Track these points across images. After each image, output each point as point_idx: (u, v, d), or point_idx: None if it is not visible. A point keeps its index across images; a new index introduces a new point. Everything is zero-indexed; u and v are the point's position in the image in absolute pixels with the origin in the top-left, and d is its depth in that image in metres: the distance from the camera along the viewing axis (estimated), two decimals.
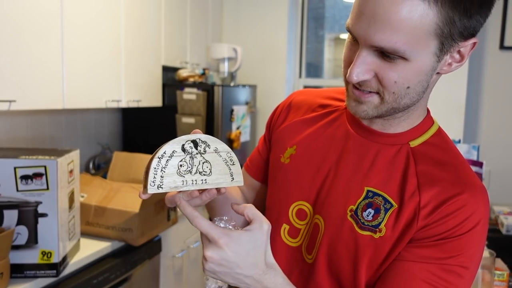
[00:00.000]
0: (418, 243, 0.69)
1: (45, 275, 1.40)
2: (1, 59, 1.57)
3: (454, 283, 0.67)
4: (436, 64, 0.67)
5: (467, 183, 0.70)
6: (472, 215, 0.68)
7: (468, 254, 0.68)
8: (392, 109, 0.70)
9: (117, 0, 2.17)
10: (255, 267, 0.64)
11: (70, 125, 2.42)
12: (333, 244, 0.74)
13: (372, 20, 0.62)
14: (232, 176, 0.68)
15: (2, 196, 1.34)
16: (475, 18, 0.63)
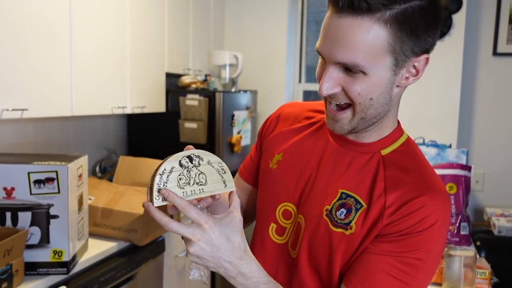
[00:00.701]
0: (382, 238, 0.78)
1: (56, 273, 1.49)
2: (13, 70, 1.67)
3: (411, 274, 0.77)
4: (394, 78, 0.77)
5: (428, 187, 0.79)
6: (430, 215, 0.77)
7: (425, 250, 0.77)
8: (361, 119, 0.80)
9: (122, 11, 2.27)
10: (233, 251, 0.74)
11: (78, 131, 2.53)
12: (311, 240, 0.85)
13: (335, 41, 0.74)
14: (225, 183, 0.78)
15: (16, 199, 1.44)
16: (423, 38, 0.74)
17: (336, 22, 0.73)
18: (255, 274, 0.76)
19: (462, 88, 2.96)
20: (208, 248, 0.72)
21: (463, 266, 1.46)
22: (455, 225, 1.89)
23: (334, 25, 0.73)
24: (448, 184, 1.92)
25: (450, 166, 1.96)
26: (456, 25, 2.92)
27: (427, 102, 3.00)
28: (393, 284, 0.77)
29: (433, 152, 2.12)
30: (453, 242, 1.86)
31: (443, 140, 2.66)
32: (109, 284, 1.75)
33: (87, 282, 1.64)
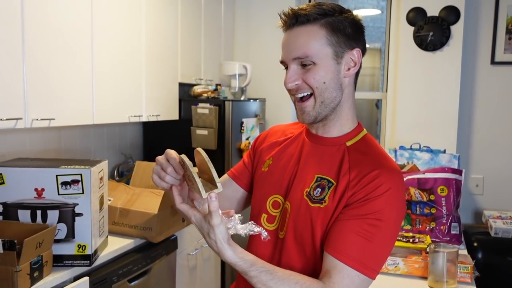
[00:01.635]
0: (348, 207, 0.98)
1: (80, 265, 1.67)
2: (41, 83, 1.87)
3: (373, 233, 0.95)
4: (338, 67, 1.02)
5: (382, 164, 1.00)
6: (383, 184, 0.96)
7: (383, 212, 0.96)
8: (322, 103, 1.02)
9: (138, 26, 2.47)
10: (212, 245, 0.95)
11: (98, 138, 2.73)
12: (296, 219, 1.04)
13: (290, 46, 1.02)
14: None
15: (46, 198, 1.63)
16: (352, 36, 1.01)
17: (288, 35, 1.03)
18: (237, 258, 0.94)
19: (461, 96, 3.09)
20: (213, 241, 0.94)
21: (446, 261, 1.59)
22: (446, 225, 2.02)
23: (287, 37, 1.03)
24: (440, 187, 2.05)
25: (442, 170, 2.09)
26: (455, 35, 3.13)
27: (427, 109, 3.13)
28: (359, 241, 0.95)
29: (427, 157, 2.26)
30: (444, 241, 1.99)
31: (443, 147, 2.79)
32: (126, 276, 1.93)
33: (106, 274, 1.82)
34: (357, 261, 0.94)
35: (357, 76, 1.08)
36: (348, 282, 0.94)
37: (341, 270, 0.94)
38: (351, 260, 0.94)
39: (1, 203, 1.61)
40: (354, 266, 0.94)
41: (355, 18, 1.03)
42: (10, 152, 2.13)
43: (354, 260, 0.94)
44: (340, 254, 0.95)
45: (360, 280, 0.95)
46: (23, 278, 1.43)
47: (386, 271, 1.72)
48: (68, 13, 1.97)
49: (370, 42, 3.88)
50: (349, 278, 0.94)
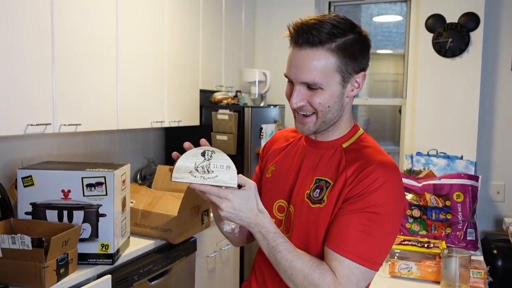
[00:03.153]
0: (347, 202, 1.02)
1: (103, 263, 1.75)
2: (70, 90, 1.97)
3: (372, 226, 1.00)
4: (343, 90, 1.05)
5: (376, 160, 1.04)
6: (378, 178, 1.00)
7: (380, 205, 0.99)
8: (323, 122, 1.07)
9: (161, 35, 2.57)
10: (251, 211, 0.99)
11: (121, 142, 2.83)
12: (299, 221, 1.10)
13: (299, 67, 1.02)
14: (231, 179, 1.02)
15: (72, 199, 1.71)
16: (360, 60, 1.04)
17: (298, 54, 1.02)
18: (267, 225, 1.02)
19: (481, 103, 3.07)
20: (233, 211, 0.98)
21: (459, 266, 1.61)
22: (462, 231, 2.03)
23: (296, 56, 1.03)
24: (456, 193, 2.06)
25: (458, 176, 2.10)
26: (474, 42, 3.14)
27: (446, 116, 3.13)
28: (357, 235, 0.99)
29: (443, 163, 2.27)
30: (459, 247, 2.00)
31: (462, 153, 2.78)
32: (147, 276, 2.01)
33: (128, 273, 1.90)
34: (355, 253, 0.99)
35: None
36: (348, 273, 0.99)
37: (340, 262, 0.99)
38: (349, 253, 0.99)
39: (31, 204, 1.71)
40: (353, 258, 0.99)
41: (363, 35, 1.04)
42: (39, 156, 2.25)
43: (352, 253, 0.99)
44: (338, 248, 1.00)
45: (360, 271, 0.99)
46: (50, 274, 1.52)
47: (399, 275, 1.75)
48: (95, 23, 2.08)
49: (393, 48, 3.89)
50: (348, 269, 0.99)
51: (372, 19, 3.87)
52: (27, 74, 1.77)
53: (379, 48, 3.94)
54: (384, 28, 3.89)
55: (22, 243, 1.49)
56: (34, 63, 1.79)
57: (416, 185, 2.16)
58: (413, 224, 2.12)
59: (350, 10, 3.84)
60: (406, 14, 3.51)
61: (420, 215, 2.11)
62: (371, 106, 3.88)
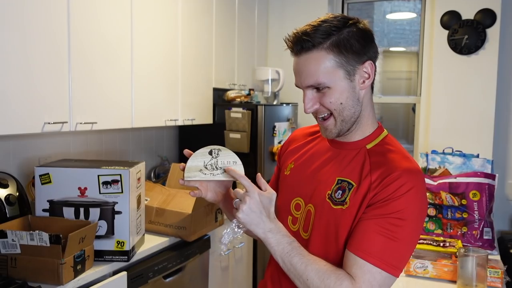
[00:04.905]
0: (371, 207, 1.01)
1: (119, 260, 1.77)
2: (85, 89, 1.99)
3: (396, 232, 0.98)
4: (352, 84, 1.04)
5: (402, 165, 1.03)
6: (405, 184, 0.99)
7: (405, 211, 0.99)
8: (342, 121, 1.06)
9: (175, 34, 2.58)
10: (271, 214, 1.03)
11: (136, 141, 2.85)
12: (320, 221, 1.09)
13: (301, 73, 1.05)
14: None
15: (88, 197, 1.73)
16: (361, 51, 1.02)
17: (298, 62, 1.05)
18: (283, 230, 1.04)
19: (497, 100, 3.03)
20: (256, 209, 1.00)
21: (476, 265, 1.59)
22: (478, 230, 2.00)
23: (297, 64, 1.06)
24: (472, 191, 2.04)
25: (474, 175, 2.07)
26: (491, 38, 3.11)
27: (461, 113, 3.09)
28: (380, 240, 0.98)
29: (459, 161, 2.24)
30: (476, 246, 1.97)
31: (477, 151, 2.75)
32: (161, 273, 2.02)
33: (143, 270, 1.91)
34: (378, 258, 0.98)
35: (373, 82, 1.10)
36: (369, 277, 0.97)
37: (361, 267, 0.98)
38: (372, 257, 0.98)
39: (48, 201, 1.73)
40: (375, 263, 0.98)
41: (360, 28, 1.03)
42: (56, 154, 2.27)
43: (375, 257, 0.98)
44: (361, 252, 0.99)
45: (382, 277, 0.98)
46: (67, 270, 1.54)
47: (415, 274, 1.74)
48: (110, 23, 2.10)
49: (406, 46, 3.86)
50: (369, 274, 0.97)
51: (385, 16, 3.84)
52: (44, 74, 1.79)
53: (392, 45, 3.91)
54: (397, 25, 3.86)
55: (40, 239, 1.51)
56: (50, 62, 1.81)
57: (432, 183, 2.14)
58: (429, 223, 2.10)
59: (363, 7, 3.82)
60: (421, 10, 3.48)
61: (436, 214, 2.09)
62: (384, 104, 3.85)
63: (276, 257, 1.04)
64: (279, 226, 1.04)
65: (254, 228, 1.01)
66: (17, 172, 2.08)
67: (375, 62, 1.07)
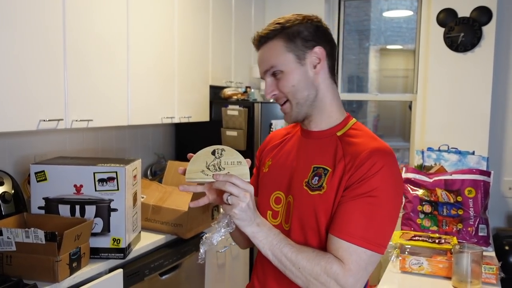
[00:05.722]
0: (348, 189, 1.05)
1: (115, 257, 1.76)
2: (80, 86, 1.99)
3: (373, 209, 1.02)
4: (303, 68, 1.11)
5: (373, 146, 1.07)
6: (376, 162, 1.03)
7: (380, 188, 1.02)
8: (297, 104, 1.13)
9: (171, 32, 2.57)
10: (256, 210, 1.07)
11: (132, 138, 2.85)
12: (300, 209, 1.12)
13: (260, 63, 1.16)
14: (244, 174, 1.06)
15: (84, 194, 1.73)
16: (310, 38, 1.10)
17: (258, 55, 1.16)
18: (268, 223, 1.08)
19: (493, 98, 3.04)
20: (248, 209, 1.02)
21: (470, 261, 1.60)
22: (473, 227, 2.01)
23: (258, 57, 1.17)
24: (467, 188, 2.05)
25: (470, 172, 2.08)
26: (486, 36, 3.11)
27: (457, 111, 3.10)
28: (361, 219, 1.02)
29: (455, 158, 2.25)
30: (471, 242, 1.98)
31: (473, 149, 2.76)
32: (158, 270, 2.02)
33: (139, 267, 1.91)
34: (362, 238, 1.01)
35: (332, 71, 1.16)
36: (356, 258, 1.01)
37: (347, 249, 1.01)
38: (355, 239, 1.01)
39: (44, 198, 1.73)
40: (359, 243, 1.01)
41: (313, 22, 1.12)
42: (52, 151, 2.27)
43: (358, 238, 1.01)
44: (344, 234, 1.02)
45: (367, 256, 1.01)
46: (63, 267, 1.54)
47: (410, 271, 1.74)
48: (106, 20, 2.09)
49: (403, 43, 3.87)
50: (355, 254, 1.01)
51: (382, 14, 3.84)
52: (39, 71, 1.78)
53: (389, 43, 3.91)
54: (394, 23, 3.86)
55: (36, 237, 1.51)
56: (46, 60, 1.81)
57: (427, 180, 2.15)
58: (424, 219, 2.11)
59: (359, 5, 3.82)
60: (417, 8, 3.48)
61: (431, 211, 2.10)
62: (381, 102, 3.86)
63: (265, 251, 1.06)
64: (264, 220, 1.08)
65: (245, 224, 1.04)
66: (13, 170, 2.07)
67: (330, 50, 1.13)
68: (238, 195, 1.01)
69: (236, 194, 1.01)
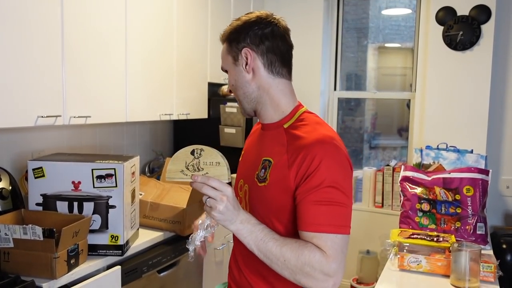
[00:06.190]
0: (300, 186, 1.10)
1: (113, 254, 1.76)
2: (78, 83, 1.98)
3: (329, 197, 1.08)
4: (238, 68, 1.21)
5: (311, 139, 1.12)
6: (315, 157, 1.08)
7: (329, 178, 1.08)
8: (240, 101, 1.25)
9: (170, 29, 2.56)
10: (240, 206, 1.11)
11: (130, 135, 2.84)
12: (252, 199, 1.23)
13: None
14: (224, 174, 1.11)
15: (82, 191, 1.73)
16: (242, 40, 1.20)
17: None
18: (253, 219, 1.11)
19: (491, 97, 3.04)
20: (231, 208, 1.07)
21: (469, 259, 1.60)
22: (472, 225, 2.02)
23: None
24: (466, 187, 2.05)
25: (468, 170, 2.08)
26: (485, 35, 3.11)
27: (455, 109, 3.10)
28: (322, 209, 1.08)
29: (453, 157, 2.25)
30: (469, 240, 1.99)
31: (471, 147, 2.76)
32: (156, 267, 2.02)
33: (137, 264, 1.91)
34: (329, 225, 1.07)
35: (275, 67, 1.21)
36: (331, 244, 1.07)
37: (320, 238, 1.07)
38: (324, 227, 1.07)
39: (42, 195, 1.72)
40: (329, 230, 1.07)
41: (238, 23, 1.23)
42: (49, 148, 2.26)
43: (327, 226, 1.07)
44: (313, 227, 1.08)
45: (339, 239, 1.08)
46: (61, 264, 1.53)
47: (409, 269, 1.74)
48: (104, 17, 2.08)
49: (401, 42, 3.86)
50: (329, 241, 1.07)
51: (381, 12, 3.84)
52: (38, 67, 1.77)
53: (387, 41, 3.91)
54: (392, 21, 3.86)
55: (33, 233, 1.50)
56: (44, 55, 1.80)
57: (426, 178, 2.15)
58: (422, 218, 2.11)
59: (358, 3, 3.81)
60: (416, 6, 3.48)
61: (430, 209, 2.10)
62: (379, 100, 3.85)
63: (250, 247, 1.10)
64: (248, 216, 1.11)
65: (227, 224, 1.08)
66: (10, 166, 2.06)
67: (263, 48, 1.20)
68: (215, 198, 1.05)
69: (213, 197, 1.05)
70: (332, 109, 3.84)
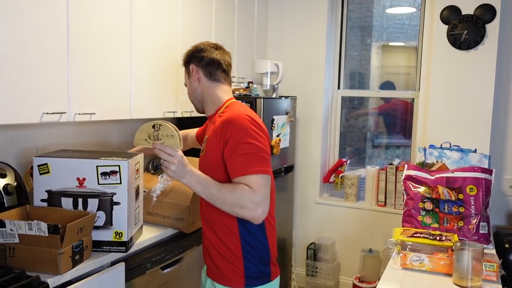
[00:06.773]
0: (224, 150, 1.54)
1: (117, 250, 1.77)
2: (83, 80, 1.99)
3: (244, 150, 1.51)
4: (190, 80, 1.78)
5: (225, 118, 1.57)
6: (227, 129, 1.53)
7: (240, 140, 1.51)
8: (192, 102, 1.81)
9: (174, 26, 2.57)
10: (188, 165, 1.56)
11: (134, 132, 2.84)
12: (200, 164, 1.68)
13: None
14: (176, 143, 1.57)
15: (87, 188, 1.74)
16: (190, 60, 1.79)
17: None
18: (198, 172, 1.57)
19: (495, 96, 3.04)
20: (181, 167, 1.54)
21: (471, 258, 1.61)
22: (474, 224, 2.02)
23: None
24: (469, 186, 2.05)
25: (472, 169, 2.08)
26: (490, 34, 3.11)
27: (459, 108, 3.10)
28: (242, 159, 1.50)
29: (457, 156, 2.25)
30: (472, 240, 1.99)
31: (475, 146, 2.76)
32: (159, 264, 2.03)
33: (141, 261, 1.92)
34: (248, 169, 1.49)
35: (211, 77, 1.73)
36: (253, 182, 1.48)
37: (245, 179, 1.48)
38: (245, 171, 1.49)
39: (46, 191, 1.74)
40: (251, 172, 1.48)
41: (189, 51, 1.79)
42: (54, 144, 2.27)
43: (247, 170, 1.49)
44: (238, 173, 1.50)
45: (260, 178, 1.49)
46: (65, 260, 1.55)
47: (411, 267, 1.75)
48: (109, 14, 2.09)
49: (405, 40, 3.86)
50: (253, 179, 1.48)
51: (385, 11, 3.83)
52: (43, 64, 1.78)
53: (391, 40, 3.90)
54: (396, 20, 3.85)
55: (39, 229, 1.51)
56: (49, 52, 1.81)
57: (429, 177, 2.15)
58: (425, 217, 2.11)
59: (362, 1, 3.81)
60: (421, 5, 3.47)
61: (433, 208, 2.11)
62: (383, 99, 3.85)
63: (199, 192, 1.55)
64: (196, 171, 1.55)
65: (179, 178, 1.54)
66: (15, 162, 2.08)
67: (203, 63, 1.73)
68: (169, 161, 1.52)
69: (168, 160, 1.52)
70: (335, 108, 3.84)
